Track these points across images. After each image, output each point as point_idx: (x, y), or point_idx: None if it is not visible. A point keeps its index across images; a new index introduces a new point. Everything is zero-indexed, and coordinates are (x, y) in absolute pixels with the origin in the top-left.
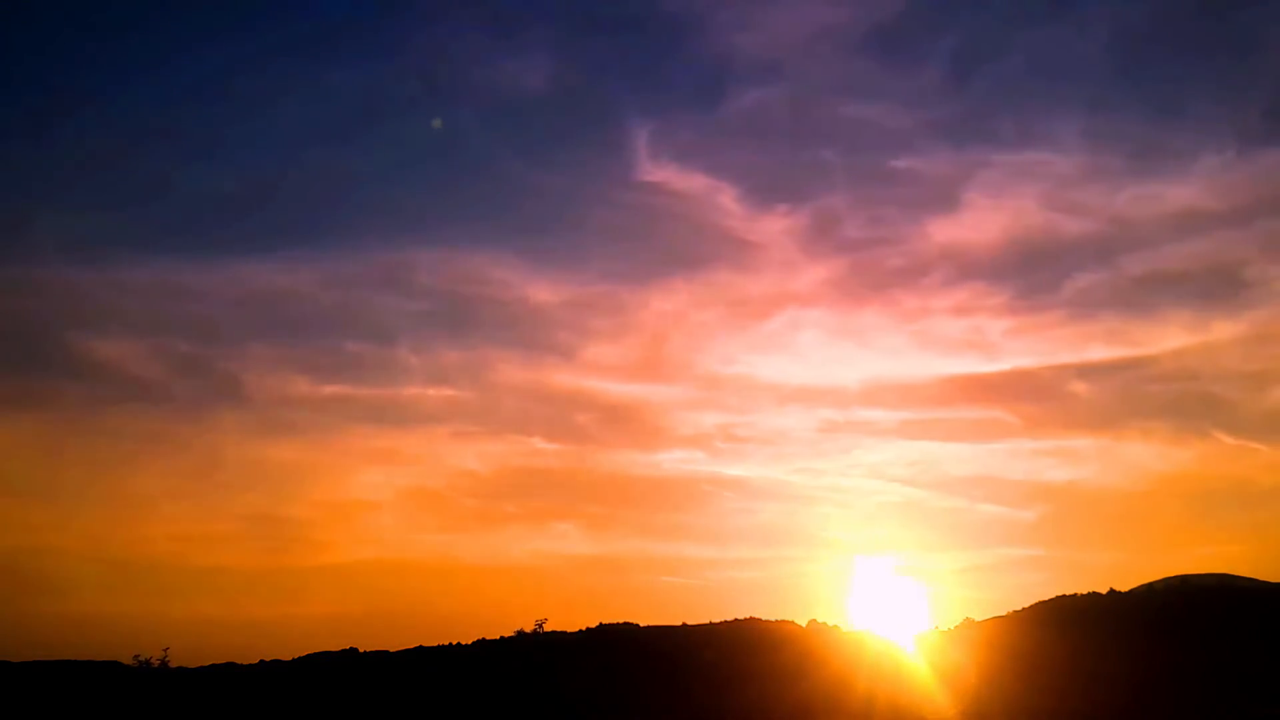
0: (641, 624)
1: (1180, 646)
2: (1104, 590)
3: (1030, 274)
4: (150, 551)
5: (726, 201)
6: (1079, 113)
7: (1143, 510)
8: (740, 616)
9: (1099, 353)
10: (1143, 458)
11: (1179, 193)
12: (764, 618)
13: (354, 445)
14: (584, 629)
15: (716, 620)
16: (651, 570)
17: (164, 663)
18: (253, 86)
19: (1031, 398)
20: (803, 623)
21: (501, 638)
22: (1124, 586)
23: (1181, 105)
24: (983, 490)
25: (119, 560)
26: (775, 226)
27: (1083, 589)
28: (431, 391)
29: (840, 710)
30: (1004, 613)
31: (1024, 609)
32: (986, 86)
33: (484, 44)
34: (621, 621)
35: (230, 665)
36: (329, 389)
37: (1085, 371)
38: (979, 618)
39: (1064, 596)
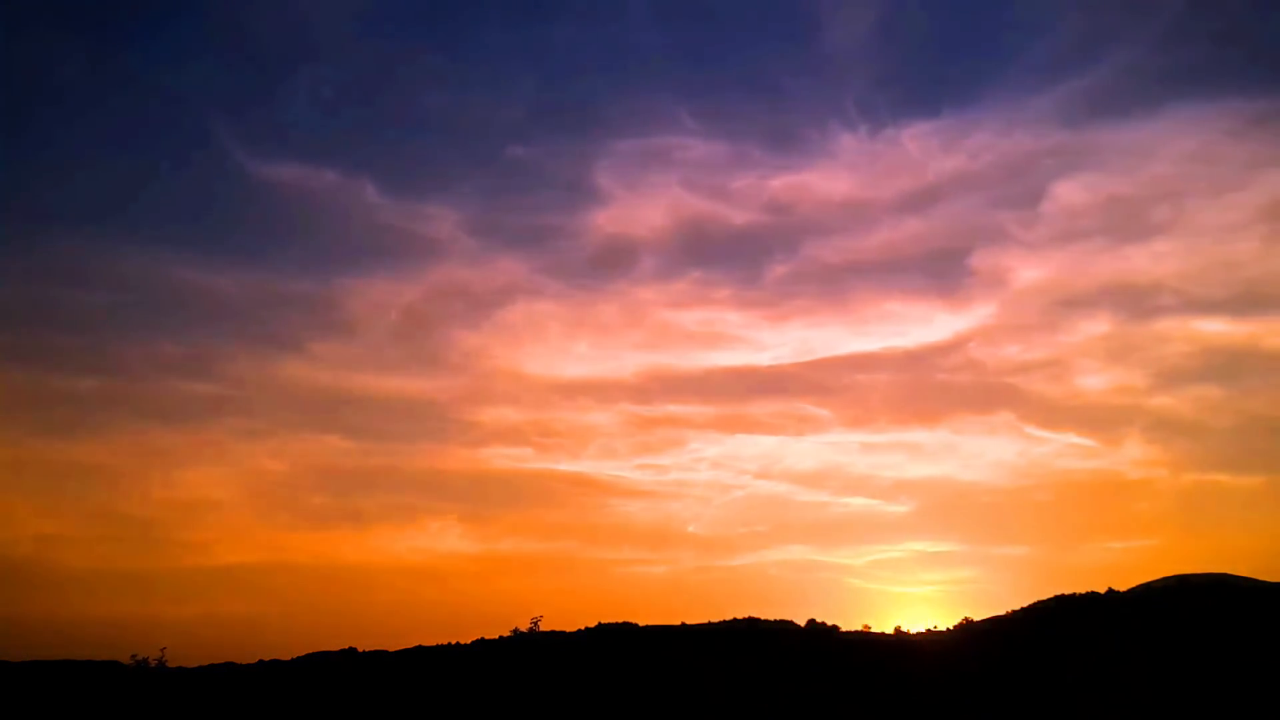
0: (640, 624)
1: (1180, 646)
2: (1102, 589)
3: (730, 264)
4: (13, 554)
5: (371, 196)
6: (681, 95)
7: (1023, 506)
8: (739, 616)
9: (861, 345)
10: (990, 452)
11: (832, 179)
12: (763, 618)
13: (141, 443)
14: (583, 629)
15: (715, 620)
16: (541, 570)
17: (161, 663)
18: None
19: (821, 391)
20: (801, 622)
21: (501, 637)
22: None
23: (776, 84)
24: (838, 483)
25: None
26: (442, 220)
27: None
28: (191, 386)
29: (847, 710)
30: (1002, 611)
31: (1022, 608)
32: (564, 73)
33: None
34: (620, 621)
35: (229, 665)
36: (86, 383)
37: (858, 364)
38: (977, 617)
39: (1063, 596)
